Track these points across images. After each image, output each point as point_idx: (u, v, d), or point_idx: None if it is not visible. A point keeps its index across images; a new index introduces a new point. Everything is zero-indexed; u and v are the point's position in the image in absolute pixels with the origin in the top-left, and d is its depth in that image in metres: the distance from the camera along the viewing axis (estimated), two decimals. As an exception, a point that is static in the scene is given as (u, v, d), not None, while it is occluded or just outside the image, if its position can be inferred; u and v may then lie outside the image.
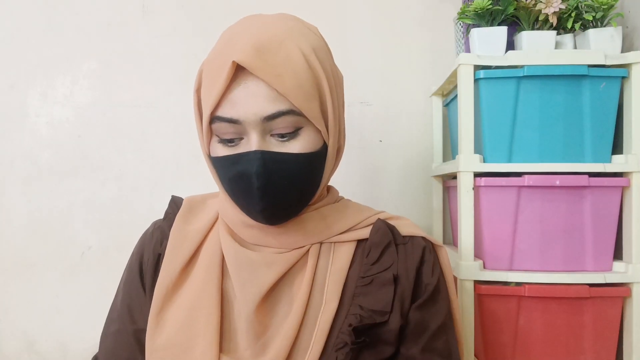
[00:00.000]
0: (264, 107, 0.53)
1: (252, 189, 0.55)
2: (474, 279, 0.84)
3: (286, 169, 0.55)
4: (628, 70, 0.84)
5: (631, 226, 0.83)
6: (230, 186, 0.58)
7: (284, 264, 0.59)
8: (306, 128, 0.56)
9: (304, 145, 0.56)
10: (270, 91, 0.53)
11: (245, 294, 0.58)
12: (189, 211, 0.67)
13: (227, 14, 1.08)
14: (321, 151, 0.59)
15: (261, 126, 0.54)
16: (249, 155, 0.55)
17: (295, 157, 0.56)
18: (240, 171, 0.55)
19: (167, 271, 0.61)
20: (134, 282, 0.64)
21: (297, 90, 0.54)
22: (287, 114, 0.54)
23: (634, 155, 0.82)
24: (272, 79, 0.53)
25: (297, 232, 0.60)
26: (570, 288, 0.82)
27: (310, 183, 0.59)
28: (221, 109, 0.55)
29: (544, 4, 0.83)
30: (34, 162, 1.08)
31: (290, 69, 0.54)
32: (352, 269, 0.61)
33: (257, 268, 0.59)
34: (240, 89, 0.54)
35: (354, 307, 0.58)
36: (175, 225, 0.64)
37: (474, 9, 0.86)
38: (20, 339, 1.07)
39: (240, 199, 0.58)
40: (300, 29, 0.58)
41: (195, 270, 0.62)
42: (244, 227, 0.62)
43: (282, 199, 0.56)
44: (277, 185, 0.55)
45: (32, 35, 1.08)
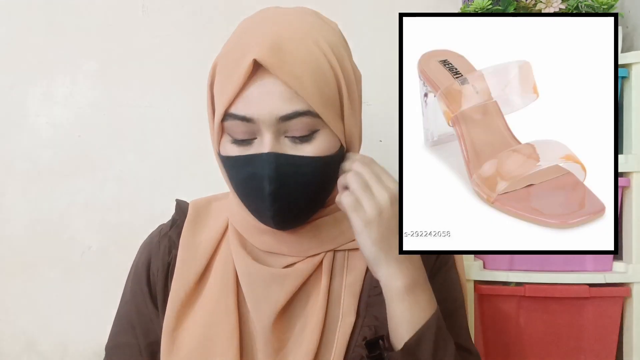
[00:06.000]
0: (280, 107, 0.51)
1: (264, 193, 0.52)
2: (474, 279, 0.84)
3: (300, 173, 0.53)
4: (628, 70, 0.84)
5: (631, 226, 0.83)
6: (240, 188, 0.56)
7: (297, 277, 0.58)
8: (322, 131, 0.54)
9: (320, 149, 0.54)
10: (287, 90, 0.51)
11: (260, 312, 0.56)
12: (196, 218, 0.64)
13: (227, 14, 1.08)
14: (337, 154, 0.57)
15: (276, 126, 0.52)
16: (261, 157, 0.52)
17: (310, 160, 0.53)
18: (251, 173, 0.53)
19: (180, 285, 0.59)
20: (142, 293, 0.62)
21: (316, 92, 0.52)
22: (304, 115, 0.52)
23: (634, 155, 0.82)
24: (291, 79, 0.51)
25: (310, 239, 0.59)
26: (570, 288, 0.82)
27: (324, 188, 0.57)
28: (235, 107, 0.53)
29: (544, 3, 0.83)
30: (34, 162, 1.08)
31: (309, 68, 0.52)
32: (367, 277, 0.60)
33: (270, 284, 0.57)
34: (255, 86, 0.52)
35: (368, 318, 0.57)
36: (184, 235, 0.62)
37: (473, 9, 0.86)
38: (20, 339, 1.07)
39: (250, 202, 0.56)
40: (320, 25, 0.56)
41: (209, 285, 0.60)
42: (255, 233, 0.60)
43: (295, 204, 0.55)
44: (290, 190, 0.53)
45: (32, 35, 1.08)
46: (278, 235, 0.59)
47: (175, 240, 0.63)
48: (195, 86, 1.07)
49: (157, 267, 0.63)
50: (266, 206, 0.53)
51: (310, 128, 0.53)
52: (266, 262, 0.59)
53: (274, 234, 0.59)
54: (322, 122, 0.54)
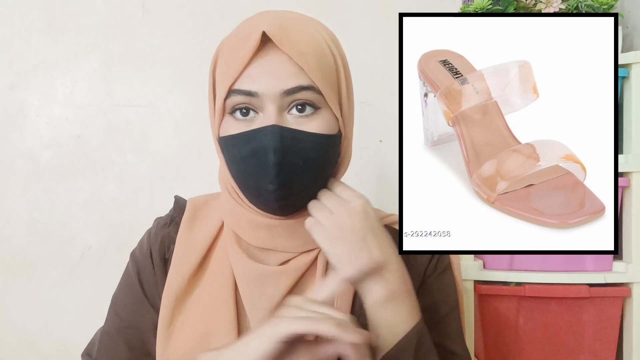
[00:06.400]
0: (284, 81, 0.53)
1: (268, 166, 0.52)
2: (474, 279, 0.84)
3: (303, 148, 0.54)
4: (628, 70, 0.84)
5: (631, 226, 0.83)
6: (242, 166, 0.55)
7: (292, 275, 0.58)
8: (323, 109, 0.56)
9: (322, 126, 0.55)
10: (292, 66, 0.53)
11: (256, 310, 0.57)
12: (193, 215, 0.65)
13: (227, 14, 1.08)
14: (337, 137, 0.58)
15: (280, 101, 0.53)
16: (266, 129, 0.52)
17: (313, 136, 0.54)
18: (254, 148, 0.53)
19: (175, 279, 0.60)
20: (147, 274, 0.63)
21: (319, 70, 0.54)
22: (307, 90, 0.53)
23: (634, 155, 0.82)
24: (297, 54, 0.52)
25: (304, 234, 0.58)
26: (570, 288, 0.82)
27: (324, 168, 0.58)
28: (239, 82, 0.54)
29: (544, 3, 0.84)
30: (34, 162, 1.08)
31: (314, 48, 0.54)
32: None
33: (265, 282, 0.57)
34: (260, 63, 0.53)
35: (363, 317, 0.57)
36: (181, 232, 0.63)
37: (473, 9, 0.86)
38: (20, 339, 1.07)
39: (251, 180, 0.55)
40: (318, 23, 0.59)
41: (206, 281, 0.60)
42: (249, 228, 0.60)
43: (297, 180, 0.54)
44: (293, 164, 0.53)
45: (32, 35, 1.08)
46: (272, 230, 0.59)
47: (174, 237, 0.63)
48: (195, 86, 1.07)
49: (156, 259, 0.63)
50: (270, 179, 0.53)
51: (312, 104, 0.55)
52: (261, 259, 0.59)
53: (268, 228, 0.59)
54: (323, 100, 0.55)
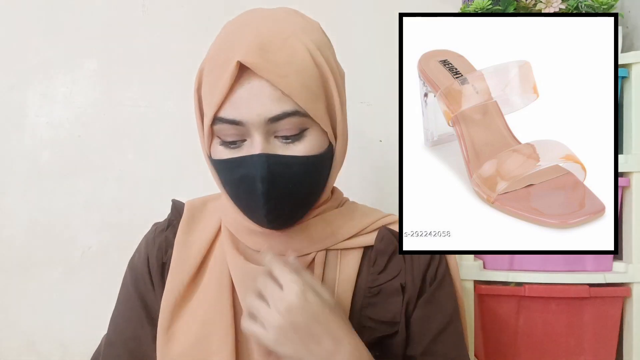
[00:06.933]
0: (268, 108, 0.51)
1: (256, 194, 0.53)
2: (474, 279, 0.84)
3: (291, 173, 0.53)
4: (628, 70, 0.84)
5: (631, 226, 0.83)
6: (233, 190, 0.56)
7: None
8: (312, 129, 0.54)
9: (310, 147, 0.54)
10: (274, 91, 0.51)
11: None
12: (191, 218, 0.65)
13: (227, 14, 1.08)
14: (327, 152, 0.57)
15: (265, 128, 0.52)
16: (252, 158, 0.52)
17: (301, 160, 0.53)
18: (243, 175, 0.53)
19: (174, 284, 0.59)
20: (145, 283, 0.62)
21: (303, 90, 0.52)
22: (292, 115, 0.52)
23: (634, 155, 0.82)
24: (277, 79, 0.51)
25: (302, 239, 0.59)
26: (570, 288, 0.82)
27: (315, 186, 0.57)
28: (223, 110, 0.53)
29: (544, 3, 0.83)
30: (34, 162, 1.08)
31: (295, 67, 0.52)
32: (360, 277, 0.60)
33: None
34: (243, 89, 0.52)
35: (363, 319, 0.57)
36: (179, 235, 0.63)
37: (473, 9, 0.86)
38: (20, 339, 1.07)
39: (243, 203, 0.56)
40: (303, 24, 0.56)
41: (204, 284, 0.60)
42: (247, 233, 0.60)
43: (287, 203, 0.55)
44: (282, 190, 0.53)
45: (32, 35, 1.08)
46: (269, 236, 0.59)
47: (172, 240, 0.63)
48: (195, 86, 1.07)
49: (152, 264, 0.63)
50: (259, 206, 0.53)
51: (299, 127, 0.53)
52: (258, 261, 0.59)
53: (265, 234, 0.59)
54: (310, 120, 0.54)
